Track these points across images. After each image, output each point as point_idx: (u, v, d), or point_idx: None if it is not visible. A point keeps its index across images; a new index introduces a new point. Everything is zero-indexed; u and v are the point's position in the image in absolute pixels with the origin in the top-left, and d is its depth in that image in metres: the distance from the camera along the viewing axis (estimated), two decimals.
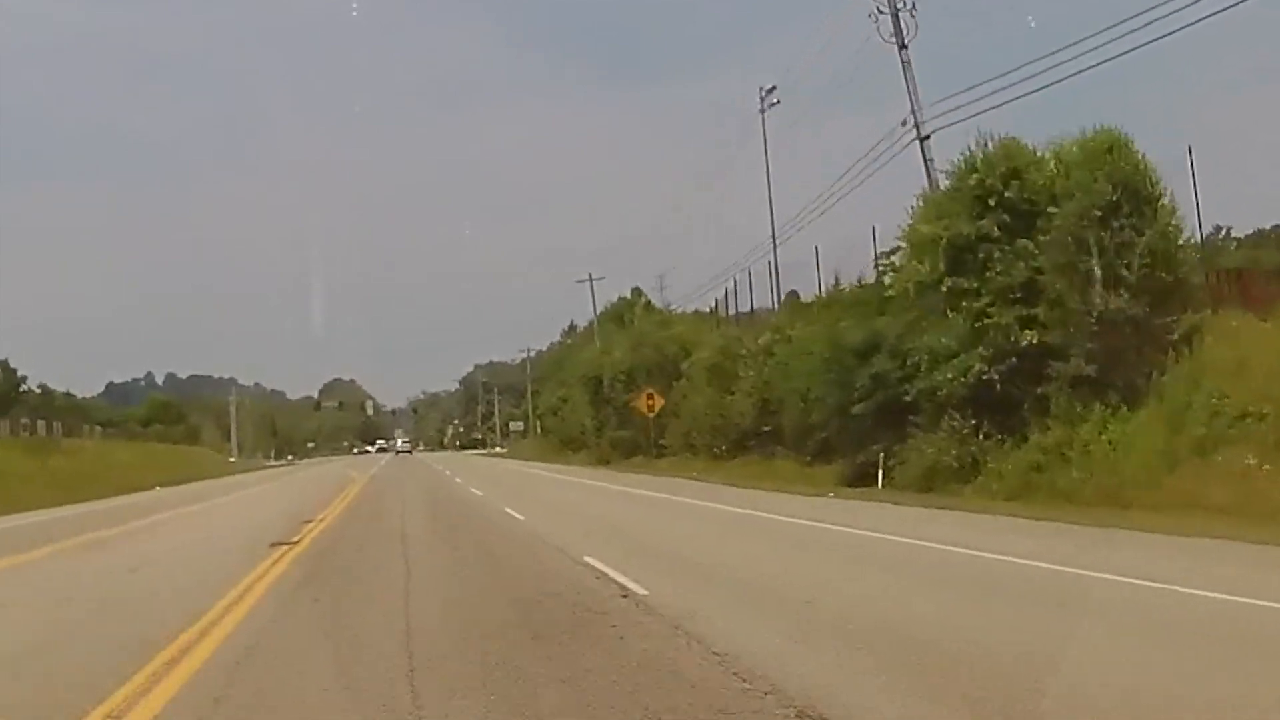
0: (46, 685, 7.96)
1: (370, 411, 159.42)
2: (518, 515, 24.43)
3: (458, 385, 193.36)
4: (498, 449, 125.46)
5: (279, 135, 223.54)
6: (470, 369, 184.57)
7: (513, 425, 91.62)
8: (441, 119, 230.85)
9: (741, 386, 41.13)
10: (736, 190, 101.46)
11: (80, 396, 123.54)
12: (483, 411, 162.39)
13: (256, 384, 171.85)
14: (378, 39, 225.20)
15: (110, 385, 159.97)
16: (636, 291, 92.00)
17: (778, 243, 51.79)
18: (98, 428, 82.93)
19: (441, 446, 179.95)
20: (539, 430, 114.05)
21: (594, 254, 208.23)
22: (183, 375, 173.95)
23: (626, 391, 59.75)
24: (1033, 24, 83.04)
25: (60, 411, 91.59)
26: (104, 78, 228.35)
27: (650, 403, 45.51)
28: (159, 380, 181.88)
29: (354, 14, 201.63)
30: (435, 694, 7.27)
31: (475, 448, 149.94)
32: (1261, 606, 9.64)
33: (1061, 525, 17.11)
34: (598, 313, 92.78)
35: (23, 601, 13.11)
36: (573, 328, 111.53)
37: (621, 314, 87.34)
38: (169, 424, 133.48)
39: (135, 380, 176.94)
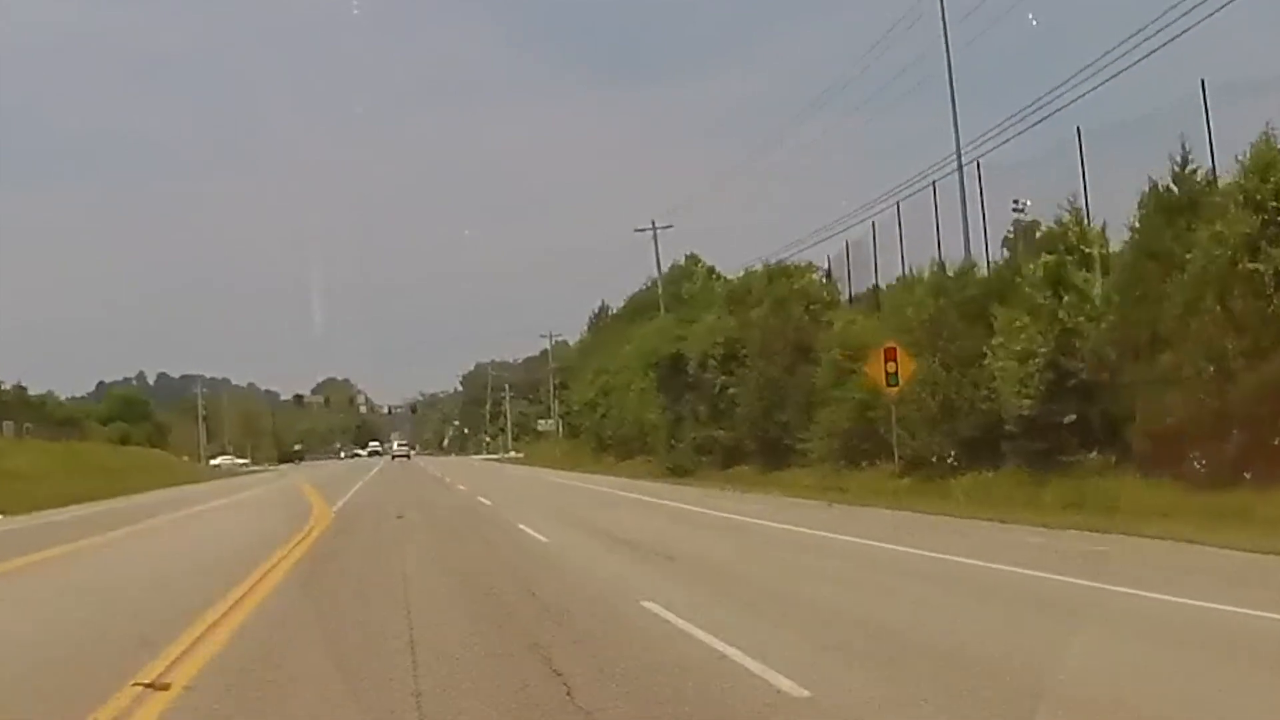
0: None
1: (363, 408, 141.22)
2: None
3: (458, 386, 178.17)
4: (512, 453, 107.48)
5: (279, 135, 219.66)
6: (472, 367, 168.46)
7: (541, 424, 73.51)
8: (441, 118, 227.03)
9: (1012, 345, 23.26)
10: (780, 163, 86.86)
11: (63, 396, 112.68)
12: (490, 411, 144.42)
13: (250, 384, 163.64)
14: (378, 39, 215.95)
15: (100, 384, 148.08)
16: (693, 258, 74.67)
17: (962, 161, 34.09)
18: (8, 423, 64.83)
19: (441, 449, 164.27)
20: (560, 431, 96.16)
21: (594, 252, 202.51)
22: (175, 375, 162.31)
23: (725, 372, 41.92)
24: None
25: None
26: (102, 77, 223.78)
27: (893, 368, 26.20)
28: (150, 379, 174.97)
29: (354, 14, 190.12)
30: None
31: (481, 451, 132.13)
32: None
33: None
34: (647, 282, 75.40)
35: None
36: (604, 310, 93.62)
37: (679, 281, 69.84)
38: (133, 422, 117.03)
39: (127, 379, 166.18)
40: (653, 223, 59.13)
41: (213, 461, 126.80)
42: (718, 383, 42.03)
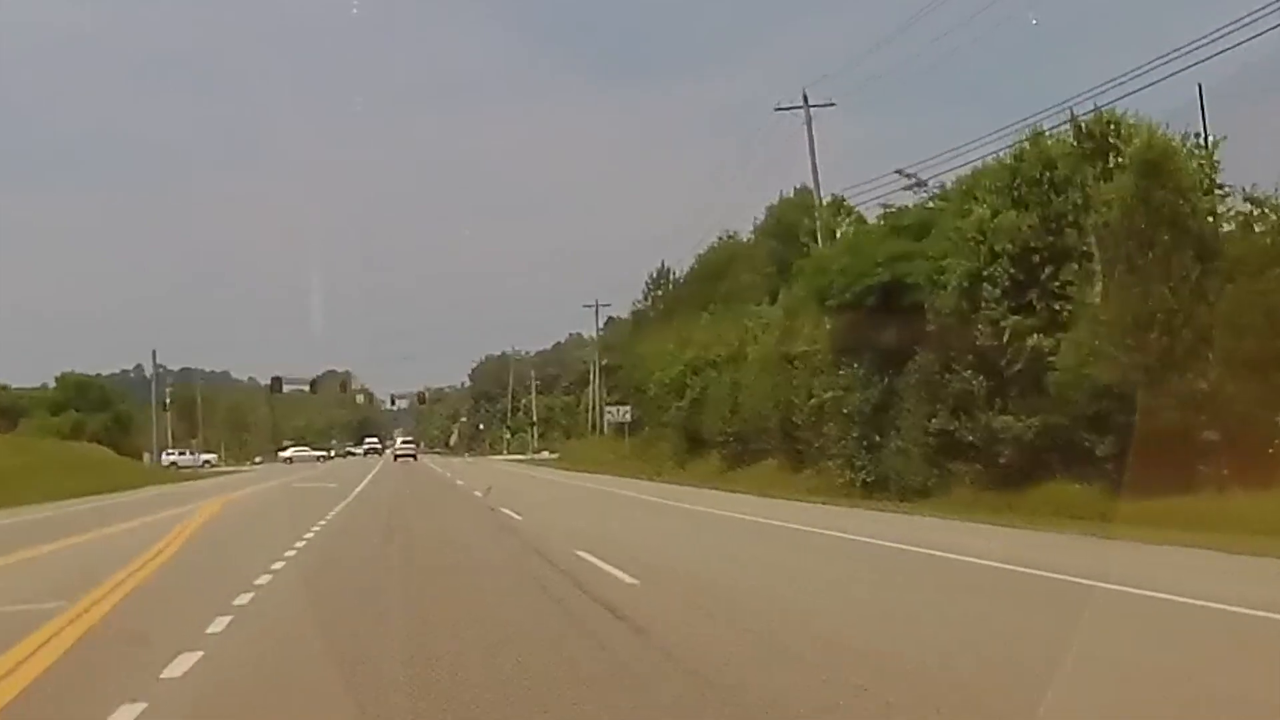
0: None
1: (360, 397, 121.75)
2: None
3: (465, 380, 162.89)
4: (544, 453, 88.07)
5: (278, 132, 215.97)
6: (481, 359, 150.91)
7: (611, 414, 53.94)
8: (442, 117, 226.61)
9: None
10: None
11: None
12: (510, 405, 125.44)
13: (250, 378, 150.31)
14: (378, 39, 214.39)
15: (99, 377, 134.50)
16: (802, 191, 55.54)
17: None
18: None
19: (448, 448, 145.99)
20: (603, 426, 76.94)
21: (596, 250, 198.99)
22: (174, 368, 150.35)
23: (1019, 308, 22.78)
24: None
25: None
26: (102, 77, 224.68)
27: None
28: (147, 372, 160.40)
29: (354, 13, 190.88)
30: None
31: (502, 450, 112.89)
32: None
33: None
34: (748, 230, 56.78)
35: None
36: (664, 274, 74.30)
37: (792, 219, 50.89)
38: (89, 411, 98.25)
39: (124, 372, 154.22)
40: (804, 97, 38.88)
41: (282, 454, 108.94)
42: (1006, 327, 22.78)
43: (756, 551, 17.23)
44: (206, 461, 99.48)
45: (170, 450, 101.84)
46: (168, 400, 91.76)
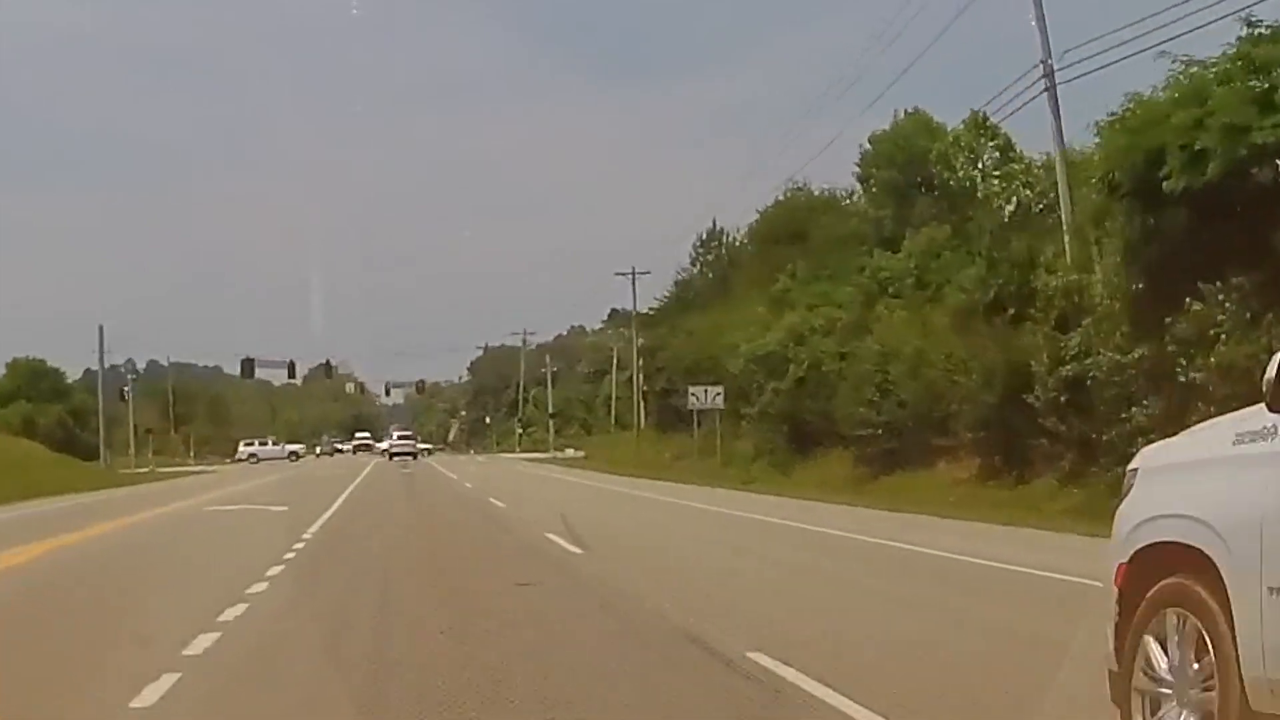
0: None
1: (350, 387, 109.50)
2: None
3: (464, 374, 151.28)
4: (568, 451, 75.61)
5: (278, 133, 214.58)
6: (480, 352, 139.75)
7: (695, 399, 40.04)
8: (442, 116, 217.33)
9: None
10: None
11: None
12: (519, 398, 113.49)
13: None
14: (378, 39, 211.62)
15: (88, 372, 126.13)
16: (917, 114, 43.16)
17: None
18: None
19: (447, 444, 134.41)
20: (641, 415, 64.70)
21: (597, 250, 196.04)
22: (165, 363, 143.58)
23: None
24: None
25: None
26: (102, 77, 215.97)
27: None
28: (140, 366, 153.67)
29: (354, 13, 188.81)
30: None
31: (514, 447, 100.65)
32: None
33: None
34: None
35: None
36: (716, 235, 61.55)
37: (915, 146, 38.86)
38: (41, 401, 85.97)
39: (114, 367, 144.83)
40: None
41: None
42: None
43: None
44: (293, 453, 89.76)
45: (249, 441, 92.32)
46: (127, 388, 79.26)
